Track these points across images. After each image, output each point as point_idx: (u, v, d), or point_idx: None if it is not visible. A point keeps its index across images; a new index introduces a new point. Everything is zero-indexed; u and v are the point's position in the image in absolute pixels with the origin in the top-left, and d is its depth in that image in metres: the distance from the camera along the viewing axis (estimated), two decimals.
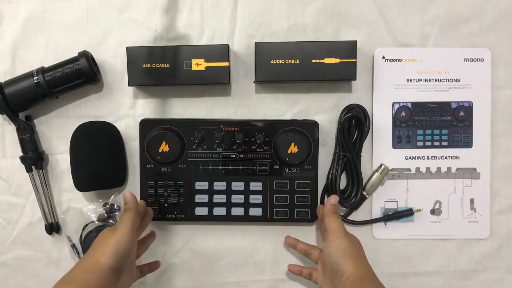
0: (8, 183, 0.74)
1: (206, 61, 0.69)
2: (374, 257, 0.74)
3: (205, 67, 0.69)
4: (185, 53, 0.69)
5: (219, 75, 0.69)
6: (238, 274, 0.75)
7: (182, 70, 0.69)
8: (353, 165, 0.71)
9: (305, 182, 0.71)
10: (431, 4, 0.73)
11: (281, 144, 0.69)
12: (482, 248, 0.74)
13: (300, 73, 0.68)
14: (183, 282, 0.75)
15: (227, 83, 0.69)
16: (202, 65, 0.69)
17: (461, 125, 0.73)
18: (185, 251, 0.74)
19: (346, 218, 0.73)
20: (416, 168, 0.73)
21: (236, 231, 0.74)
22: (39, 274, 0.75)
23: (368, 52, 0.72)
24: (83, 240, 0.72)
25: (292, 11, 0.72)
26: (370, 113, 0.72)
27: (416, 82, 0.73)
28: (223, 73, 0.69)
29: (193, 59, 0.69)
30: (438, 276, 0.75)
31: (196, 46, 0.71)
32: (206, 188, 0.71)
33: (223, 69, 0.69)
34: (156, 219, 0.71)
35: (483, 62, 0.72)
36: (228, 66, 0.69)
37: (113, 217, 0.73)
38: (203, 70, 0.69)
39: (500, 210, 0.74)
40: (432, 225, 0.74)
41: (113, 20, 0.73)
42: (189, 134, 0.70)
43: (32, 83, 0.68)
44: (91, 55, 0.71)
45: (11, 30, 0.73)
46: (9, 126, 0.73)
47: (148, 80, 0.69)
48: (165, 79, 0.69)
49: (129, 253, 0.60)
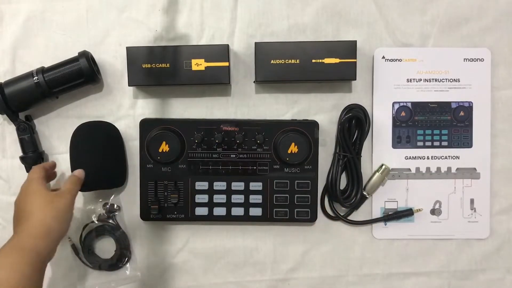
0: (8, 183, 0.74)
1: (206, 61, 0.69)
2: (374, 257, 0.74)
3: (205, 67, 0.69)
4: (185, 53, 0.69)
5: (219, 75, 0.69)
6: (238, 274, 0.75)
7: (182, 70, 0.69)
8: (353, 165, 0.71)
9: (305, 182, 0.71)
10: (431, 4, 0.73)
11: (281, 144, 0.69)
12: (482, 248, 0.74)
13: (300, 73, 0.68)
14: (183, 282, 0.75)
15: (227, 83, 0.69)
16: (202, 65, 0.69)
17: (461, 125, 0.73)
18: (185, 251, 0.74)
19: (346, 218, 0.73)
20: (416, 168, 0.73)
21: (236, 231, 0.74)
22: None
23: (368, 52, 0.72)
24: (83, 240, 0.72)
25: (292, 11, 0.72)
26: (370, 113, 0.72)
27: (416, 82, 0.73)
28: (223, 73, 0.69)
29: (193, 59, 0.69)
30: (438, 276, 0.75)
31: (196, 46, 0.71)
32: (206, 188, 0.71)
33: (223, 69, 0.69)
34: (156, 219, 0.71)
35: (483, 62, 0.72)
36: (228, 66, 0.69)
37: (113, 217, 0.73)
38: (203, 70, 0.69)
39: (500, 210, 0.74)
40: (432, 225, 0.74)
41: (113, 20, 0.73)
42: (189, 134, 0.70)
43: (32, 83, 0.68)
44: (91, 55, 0.71)
45: (11, 30, 0.73)
46: (9, 126, 0.73)
47: (148, 80, 0.69)
48: (165, 79, 0.69)
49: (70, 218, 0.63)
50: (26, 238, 0.57)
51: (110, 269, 0.73)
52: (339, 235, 0.74)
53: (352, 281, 0.75)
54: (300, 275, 0.75)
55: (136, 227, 0.74)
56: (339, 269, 0.74)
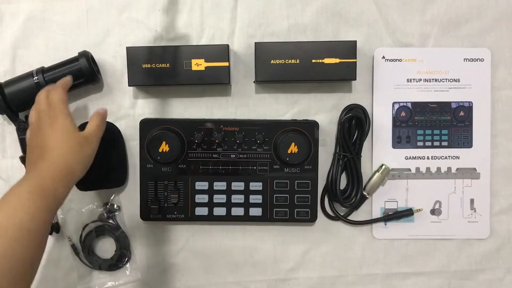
0: (8, 183, 0.74)
1: (206, 61, 0.69)
2: (374, 257, 0.74)
3: (205, 67, 0.69)
4: (185, 53, 0.69)
5: (219, 75, 0.69)
6: (238, 274, 0.75)
7: (182, 70, 0.69)
8: (353, 165, 0.71)
9: (305, 182, 0.71)
10: (431, 4, 0.73)
11: (281, 144, 0.69)
12: (482, 248, 0.74)
13: (300, 73, 0.69)
14: (183, 282, 0.75)
15: (227, 83, 0.69)
16: (202, 65, 0.69)
17: (461, 125, 0.73)
18: (185, 251, 0.74)
19: (346, 218, 0.73)
20: (416, 168, 0.73)
21: (236, 231, 0.74)
22: (39, 274, 0.74)
23: (368, 52, 0.72)
24: (83, 240, 0.72)
25: (292, 11, 0.72)
26: (370, 113, 0.72)
27: (416, 82, 0.73)
28: (223, 73, 0.69)
29: (193, 59, 0.69)
30: (438, 276, 0.75)
31: (196, 46, 0.71)
32: (206, 188, 0.71)
33: (223, 69, 0.69)
34: (156, 219, 0.71)
35: (483, 62, 0.72)
36: (228, 66, 0.69)
37: (113, 217, 0.73)
38: (203, 70, 0.69)
39: (500, 210, 0.74)
40: (432, 225, 0.74)
41: (113, 20, 0.73)
42: (189, 134, 0.70)
43: (32, 83, 0.67)
44: (91, 55, 0.71)
45: (11, 30, 0.73)
46: (9, 126, 0.73)
47: (148, 80, 0.69)
48: (165, 79, 0.69)
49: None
50: (48, 180, 0.52)
51: (110, 269, 0.73)
52: (339, 235, 0.74)
53: (352, 281, 0.75)
54: (300, 275, 0.75)
55: (136, 227, 0.74)
56: (339, 269, 0.74)
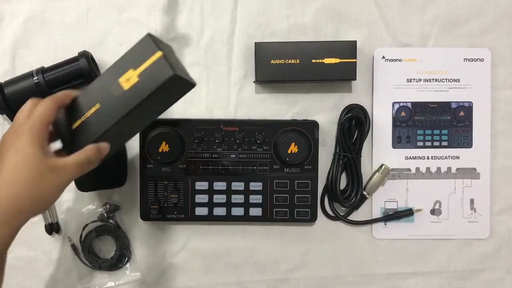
0: None
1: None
2: (374, 257, 0.74)
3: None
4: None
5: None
6: (238, 274, 0.75)
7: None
8: (353, 165, 0.71)
9: (305, 182, 0.71)
10: (431, 4, 0.73)
11: (281, 144, 0.69)
12: (482, 248, 0.74)
13: (300, 73, 0.69)
14: (183, 282, 0.75)
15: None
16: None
17: (461, 125, 0.73)
18: (185, 251, 0.74)
19: (346, 218, 0.73)
20: (416, 168, 0.73)
21: (236, 231, 0.74)
22: (39, 274, 0.75)
23: (368, 52, 0.72)
24: (83, 240, 0.72)
25: (292, 11, 0.72)
26: (370, 113, 0.73)
27: (416, 82, 0.73)
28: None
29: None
30: (438, 276, 0.75)
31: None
32: (206, 188, 0.71)
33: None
34: (156, 219, 0.71)
35: (483, 62, 0.72)
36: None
37: (113, 217, 0.73)
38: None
39: (500, 210, 0.74)
40: (432, 225, 0.74)
41: (113, 20, 0.73)
42: (189, 134, 0.70)
43: (32, 83, 0.67)
44: (91, 55, 0.71)
45: (11, 30, 0.73)
46: (9, 126, 0.73)
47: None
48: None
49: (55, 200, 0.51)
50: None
51: (110, 269, 0.73)
52: (339, 235, 0.74)
53: (352, 281, 0.75)
54: (300, 275, 0.74)
55: (136, 227, 0.74)
56: (339, 269, 0.74)
